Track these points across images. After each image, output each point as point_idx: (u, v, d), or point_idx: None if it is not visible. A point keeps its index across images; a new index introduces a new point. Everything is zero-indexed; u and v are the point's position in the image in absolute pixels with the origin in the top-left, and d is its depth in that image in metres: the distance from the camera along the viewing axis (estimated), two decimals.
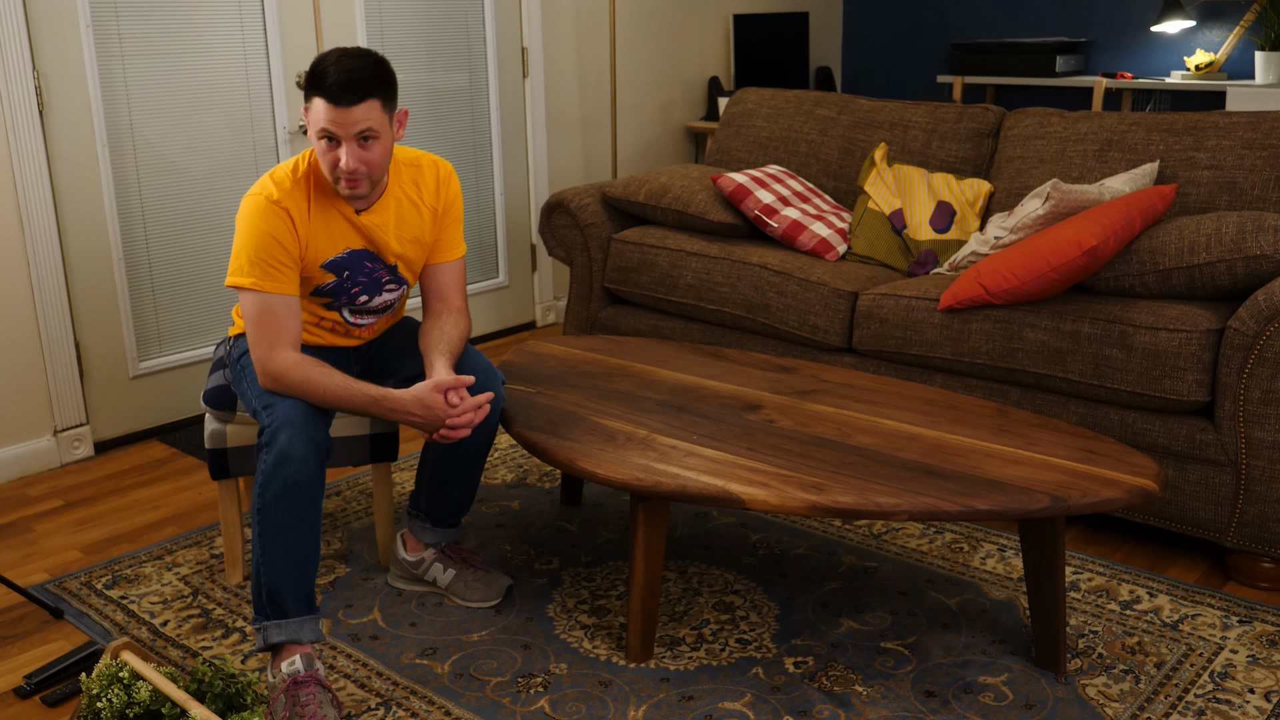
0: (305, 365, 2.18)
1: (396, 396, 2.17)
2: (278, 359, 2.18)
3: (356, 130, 2.14)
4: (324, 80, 2.13)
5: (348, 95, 2.12)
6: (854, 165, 3.65)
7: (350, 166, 2.16)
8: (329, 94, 2.13)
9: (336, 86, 2.12)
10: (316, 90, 2.14)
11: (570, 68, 4.62)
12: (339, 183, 2.21)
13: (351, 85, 2.12)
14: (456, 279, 2.46)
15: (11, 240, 3.16)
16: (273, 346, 2.19)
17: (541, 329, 4.70)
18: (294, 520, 2.10)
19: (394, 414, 2.18)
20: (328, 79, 2.12)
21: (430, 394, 2.16)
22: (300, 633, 2.13)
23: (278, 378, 2.18)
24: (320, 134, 2.16)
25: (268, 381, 2.19)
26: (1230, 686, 2.17)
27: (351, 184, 2.20)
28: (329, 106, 2.13)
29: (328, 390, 2.16)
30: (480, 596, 2.47)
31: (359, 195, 2.24)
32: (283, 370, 2.17)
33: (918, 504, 1.95)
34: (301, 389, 2.16)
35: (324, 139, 2.16)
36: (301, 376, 2.16)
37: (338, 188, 2.22)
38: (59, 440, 3.32)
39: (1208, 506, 2.53)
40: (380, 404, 2.17)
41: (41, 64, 3.16)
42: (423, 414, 2.17)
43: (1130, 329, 2.57)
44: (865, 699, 2.14)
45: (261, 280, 2.20)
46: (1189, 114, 3.10)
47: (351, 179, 2.19)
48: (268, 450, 2.10)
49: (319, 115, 2.15)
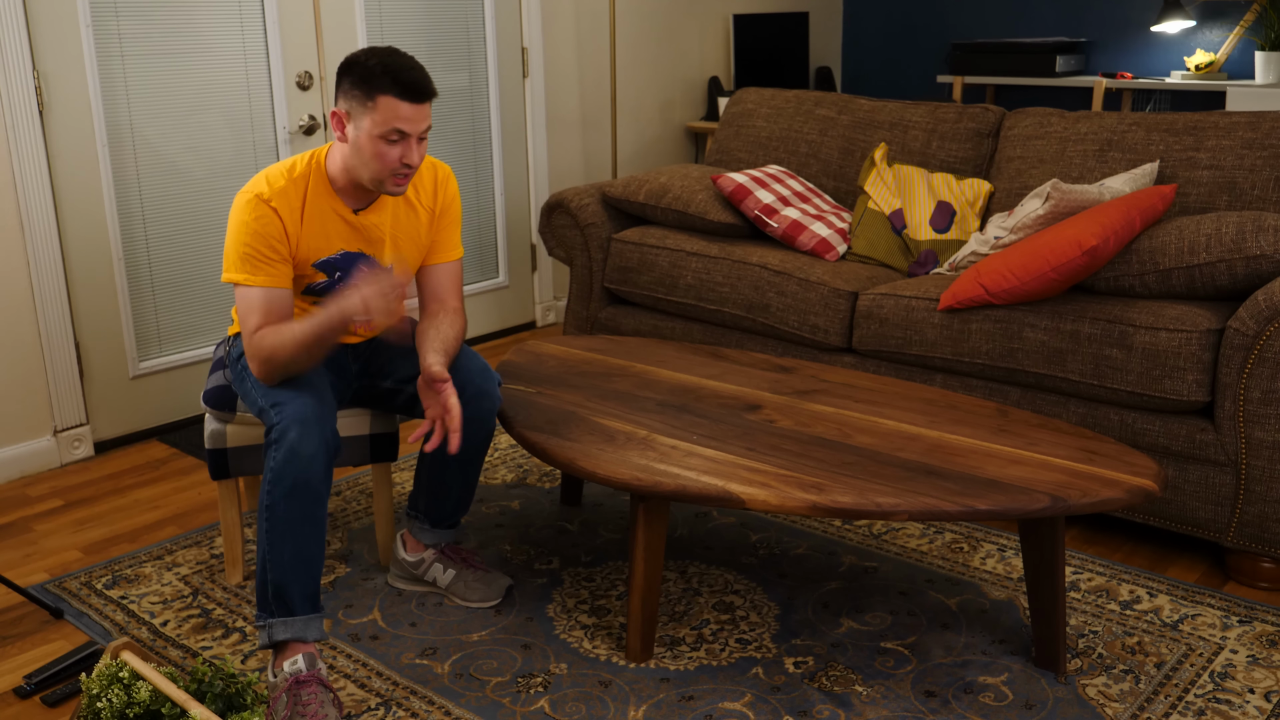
0: (266, 334, 2.17)
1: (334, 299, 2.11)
2: (254, 339, 2.18)
3: (424, 127, 2.19)
4: (400, 78, 2.14)
5: (423, 94, 2.16)
6: (854, 165, 3.65)
7: (417, 161, 2.20)
8: (408, 92, 2.14)
9: (414, 85, 2.15)
10: (385, 90, 2.14)
11: (570, 68, 4.62)
12: (389, 181, 2.21)
13: (424, 84, 2.17)
14: (453, 280, 2.46)
15: (11, 240, 3.16)
16: (254, 330, 2.19)
17: (541, 329, 4.70)
18: (302, 518, 2.10)
19: (341, 313, 2.10)
20: (403, 76, 2.14)
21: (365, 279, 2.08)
22: (306, 631, 2.13)
23: (254, 353, 2.18)
24: (390, 133, 2.15)
25: (260, 366, 2.19)
26: (1230, 686, 2.17)
27: (403, 181, 2.23)
28: (408, 105, 2.15)
29: (295, 338, 2.14)
30: (480, 596, 2.47)
31: (399, 193, 2.26)
32: (257, 345, 2.17)
33: (918, 504, 1.95)
34: (275, 354, 2.15)
35: (389, 138, 2.16)
36: (272, 343, 2.15)
37: (386, 186, 2.23)
38: (59, 440, 3.32)
39: (1208, 506, 2.53)
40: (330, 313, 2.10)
41: (41, 64, 3.16)
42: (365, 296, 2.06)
43: (1130, 329, 2.57)
44: (865, 699, 2.14)
45: (251, 275, 2.20)
46: (1189, 114, 3.10)
47: (406, 176, 2.22)
48: (276, 448, 2.10)
49: (391, 114, 2.14)
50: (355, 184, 2.26)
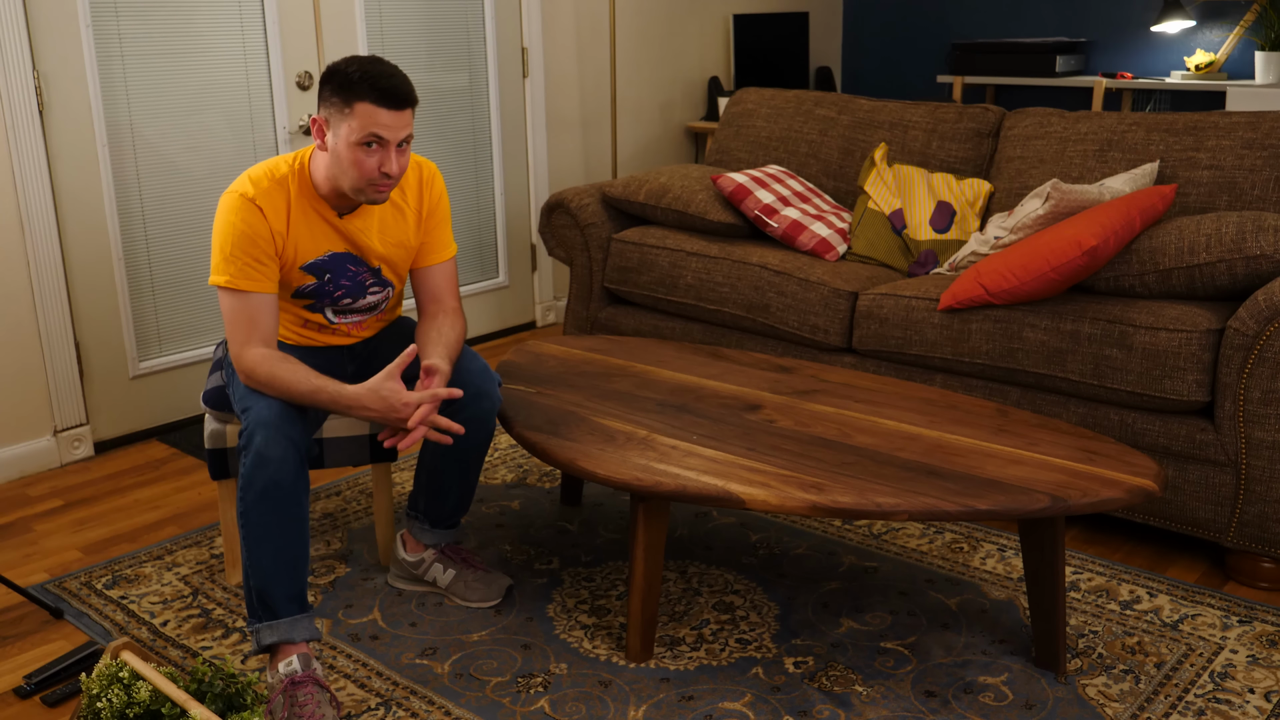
0: (272, 361, 2.15)
1: (352, 391, 2.12)
2: (247, 355, 2.17)
3: (403, 135, 2.16)
4: (377, 84, 2.11)
5: (399, 101, 2.13)
6: (854, 165, 3.65)
7: (397, 170, 2.17)
8: (385, 98, 2.12)
9: (393, 91, 2.12)
10: (361, 96, 2.11)
11: (570, 68, 4.62)
12: (372, 189, 2.19)
13: (403, 90, 2.14)
14: (449, 280, 2.45)
15: (11, 240, 3.16)
16: (244, 344, 2.18)
17: (541, 329, 4.70)
18: (277, 521, 2.09)
19: (351, 410, 2.13)
20: (380, 83, 2.11)
21: (385, 384, 2.11)
22: (292, 633, 2.12)
23: (248, 373, 2.17)
24: (366, 139, 2.13)
25: (242, 376, 2.19)
26: (1230, 686, 2.17)
27: (383, 191, 2.20)
28: (385, 111, 2.12)
29: (293, 386, 2.13)
30: (480, 597, 2.47)
31: (382, 202, 2.24)
32: (251, 366, 2.16)
33: (918, 504, 1.95)
34: (269, 384, 2.14)
35: (366, 144, 2.14)
36: (268, 371, 2.14)
37: (366, 194, 2.20)
38: (59, 440, 3.32)
39: (1208, 506, 2.53)
40: (338, 400, 2.12)
41: (41, 64, 3.16)
42: (378, 406, 2.11)
43: (1130, 329, 2.57)
44: (865, 699, 2.14)
45: (237, 278, 2.19)
46: (1189, 114, 3.10)
47: (387, 185, 2.19)
48: (246, 453, 2.09)
49: (368, 119, 2.12)
50: (338, 191, 2.24)
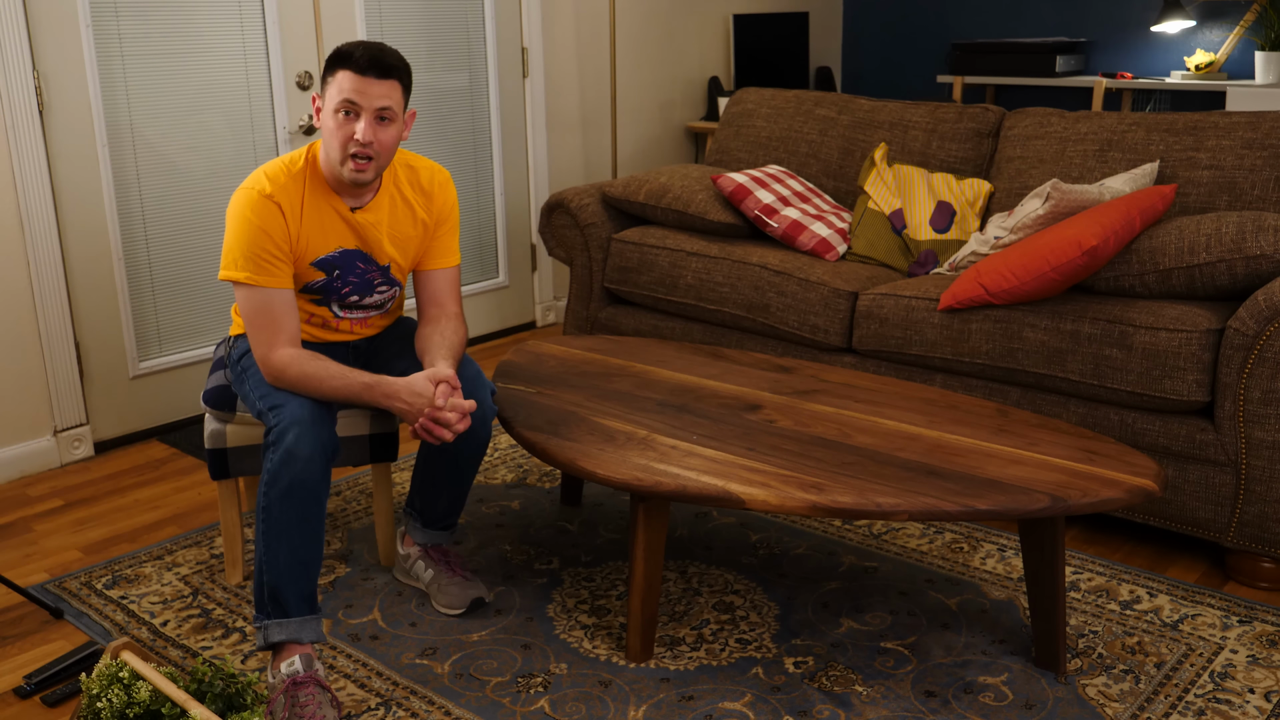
0: (302, 360, 2.21)
1: (389, 381, 2.20)
2: (276, 356, 2.21)
3: (378, 105, 2.18)
4: (352, 55, 2.18)
5: (375, 69, 2.18)
6: (854, 165, 3.65)
7: (367, 138, 2.18)
8: (357, 66, 2.17)
9: (365, 59, 2.17)
10: (342, 64, 2.18)
11: (570, 68, 4.62)
12: (347, 163, 2.21)
13: (380, 61, 2.19)
14: (452, 286, 2.47)
15: (11, 240, 3.16)
16: (271, 345, 2.22)
17: (541, 329, 4.70)
18: (298, 519, 2.10)
19: (385, 398, 2.19)
20: (356, 54, 2.18)
21: (423, 382, 2.19)
22: (301, 632, 2.13)
23: (278, 374, 2.21)
24: (340, 106, 2.18)
25: (270, 378, 2.22)
26: (1230, 686, 2.17)
27: (360, 165, 2.21)
28: (355, 77, 2.17)
29: (325, 381, 2.19)
30: (447, 603, 2.44)
31: (363, 181, 2.23)
32: (282, 366, 2.20)
33: (918, 504, 1.95)
34: (300, 383, 2.19)
35: (341, 112, 2.18)
36: (299, 371, 2.20)
37: (344, 169, 2.22)
38: (59, 440, 3.32)
39: (1208, 506, 2.53)
40: (373, 389, 2.20)
41: (41, 64, 3.16)
42: (410, 400, 2.18)
43: (1130, 329, 2.57)
44: (865, 699, 2.14)
45: (256, 275, 2.21)
46: (1189, 114, 3.10)
47: (361, 158, 2.20)
48: (274, 449, 2.10)
49: (342, 87, 2.18)
50: (336, 176, 2.25)
